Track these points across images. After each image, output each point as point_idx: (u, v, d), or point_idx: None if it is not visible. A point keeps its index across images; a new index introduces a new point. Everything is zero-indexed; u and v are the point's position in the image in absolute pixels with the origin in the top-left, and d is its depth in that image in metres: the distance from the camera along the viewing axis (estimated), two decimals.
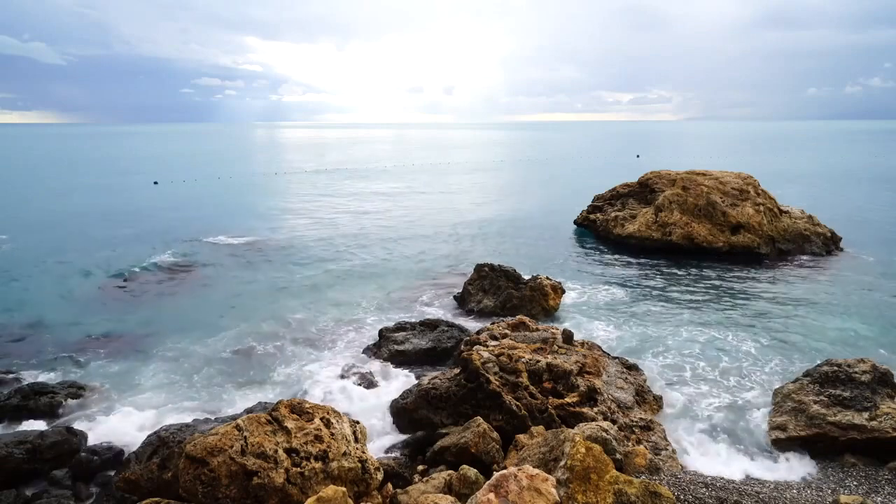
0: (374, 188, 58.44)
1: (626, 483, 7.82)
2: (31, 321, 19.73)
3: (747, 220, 28.84)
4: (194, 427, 10.82)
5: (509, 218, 39.99)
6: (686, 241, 28.74)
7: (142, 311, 20.73)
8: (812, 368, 13.24)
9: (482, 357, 12.72)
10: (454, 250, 30.45)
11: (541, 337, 14.60)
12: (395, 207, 45.30)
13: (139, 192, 54.68)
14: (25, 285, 24.25)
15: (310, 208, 44.96)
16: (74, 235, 34.23)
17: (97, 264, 27.33)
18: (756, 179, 31.76)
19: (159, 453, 9.99)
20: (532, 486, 7.28)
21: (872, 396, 11.88)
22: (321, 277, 25.36)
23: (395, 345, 16.49)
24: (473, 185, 62.05)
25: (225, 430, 8.63)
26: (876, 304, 20.66)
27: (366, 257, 29.05)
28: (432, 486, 9.00)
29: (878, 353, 16.36)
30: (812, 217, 30.60)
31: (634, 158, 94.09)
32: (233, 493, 8.10)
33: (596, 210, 34.60)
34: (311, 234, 34.91)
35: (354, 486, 8.78)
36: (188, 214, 41.89)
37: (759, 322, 19.12)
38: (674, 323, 19.18)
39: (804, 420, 11.98)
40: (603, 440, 9.70)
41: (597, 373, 13.35)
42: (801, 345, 17.28)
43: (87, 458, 11.12)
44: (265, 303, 21.79)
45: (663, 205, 30.21)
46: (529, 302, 19.90)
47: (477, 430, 10.68)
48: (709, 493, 9.03)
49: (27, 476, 10.81)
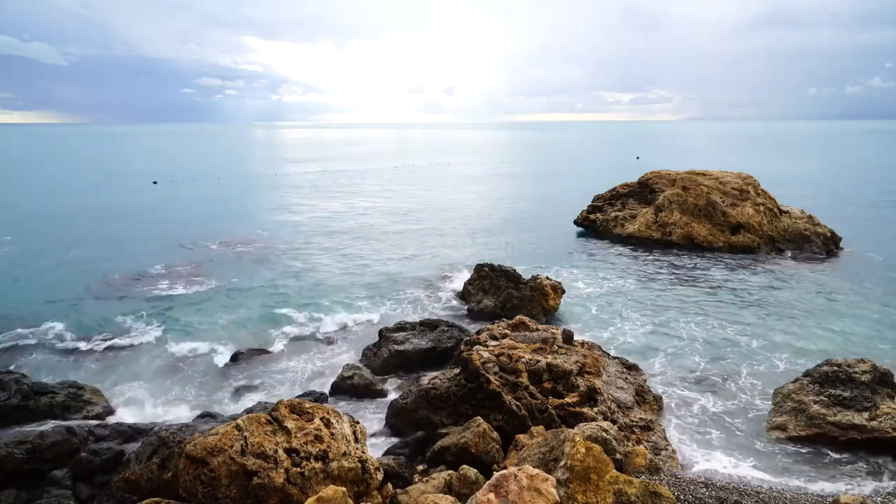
0: (373, 188, 58.45)
1: (626, 483, 7.82)
2: (31, 321, 19.73)
3: (747, 219, 28.85)
4: (194, 427, 10.81)
5: (509, 218, 39.99)
6: (686, 241, 28.75)
7: (141, 311, 20.72)
8: (812, 368, 13.24)
9: (482, 357, 12.72)
10: (454, 250, 30.44)
11: (541, 337, 14.59)
12: (395, 207, 45.30)
13: (139, 192, 54.70)
14: (26, 285, 24.26)
15: (309, 208, 44.97)
16: (74, 235, 34.23)
17: (97, 264, 27.33)
18: (756, 179, 31.78)
19: (159, 453, 9.98)
20: (532, 486, 7.28)
21: (872, 396, 11.88)
22: (321, 277, 25.37)
23: (395, 345, 16.48)
24: (473, 185, 62.06)
25: (225, 430, 8.63)
26: (876, 304, 20.66)
27: (365, 257, 29.05)
28: (432, 486, 9.00)
29: (878, 353, 16.35)
30: (812, 217, 30.61)
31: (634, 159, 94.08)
32: (233, 493, 8.10)
33: (596, 210, 34.59)
34: (310, 234, 34.91)
35: (354, 486, 8.78)
36: (188, 214, 41.90)
37: (759, 322, 19.12)
38: (674, 323, 19.18)
39: (804, 420, 11.98)
40: (603, 440, 9.70)
41: (597, 373, 13.35)
42: (800, 345, 17.28)
43: (87, 458, 11.11)
44: (265, 303, 21.79)
45: (663, 205, 30.21)
46: (529, 302, 19.90)
47: (477, 430, 10.67)
48: (709, 493, 9.03)
49: (27, 476, 10.80)
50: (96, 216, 40.96)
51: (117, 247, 31.02)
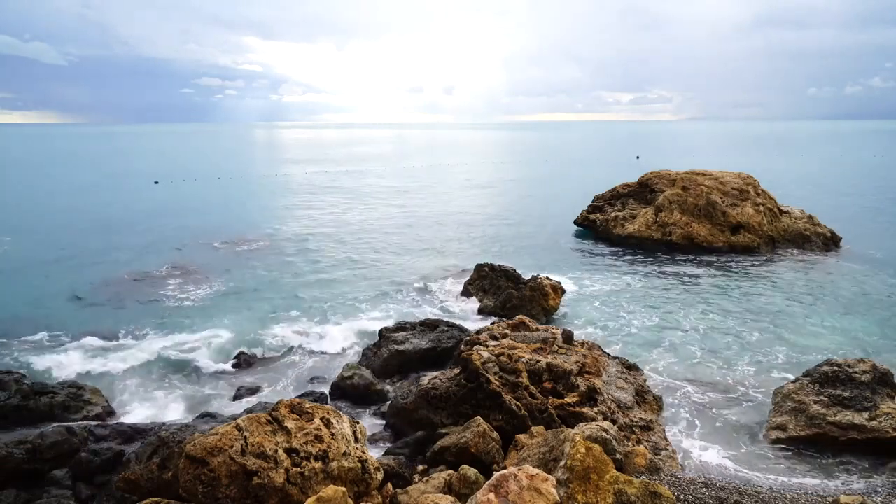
0: (373, 188, 58.45)
1: (626, 483, 7.82)
2: (31, 321, 19.74)
3: (747, 219, 28.84)
4: (194, 427, 10.81)
5: (509, 218, 40.00)
6: (686, 241, 28.74)
7: (142, 311, 20.73)
8: (812, 368, 13.23)
9: (482, 357, 12.71)
10: (454, 250, 30.45)
11: (541, 337, 14.59)
12: (395, 207, 45.31)
13: (140, 192, 54.71)
14: (26, 285, 24.27)
15: (309, 208, 44.97)
16: (75, 235, 34.23)
17: (98, 264, 27.34)
18: (756, 179, 31.78)
19: (159, 453, 9.98)
20: (532, 486, 7.28)
21: (872, 396, 11.88)
22: (320, 277, 25.38)
23: (395, 345, 16.48)
24: (473, 185, 62.06)
25: (225, 430, 8.63)
26: (876, 304, 20.66)
27: (366, 257, 29.05)
28: (432, 486, 9.00)
29: (878, 353, 16.35)
30: (812, 217, 30.60)
31: (634, 159, 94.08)
32: (233, 493, 8.10)
33: (596, 210, 34.59)
34: (310, 234, 34.91)
35: (354, 486, 8.78)
36: (188, 214, 41.91)
37: (759, 322, 19.12)
38: (674, 323, 19.18)
39: (804, 420, 11.97)
40: (603, 440, 9.69)
41: (597, 373, 13.34)
42: (801, 345, 17.27)
43: (87, 458, 11.10)
44: (265, 303, 21.80)
45: (663, 205, 30.21)
46: (529, 302, 19.90)
47: (477, 430, 10.67)
48: (709, 493, 9.03)
49: (27, 476, 10.80)
50: (97, 216, 40.96)
51: (118, 246, 31.02)
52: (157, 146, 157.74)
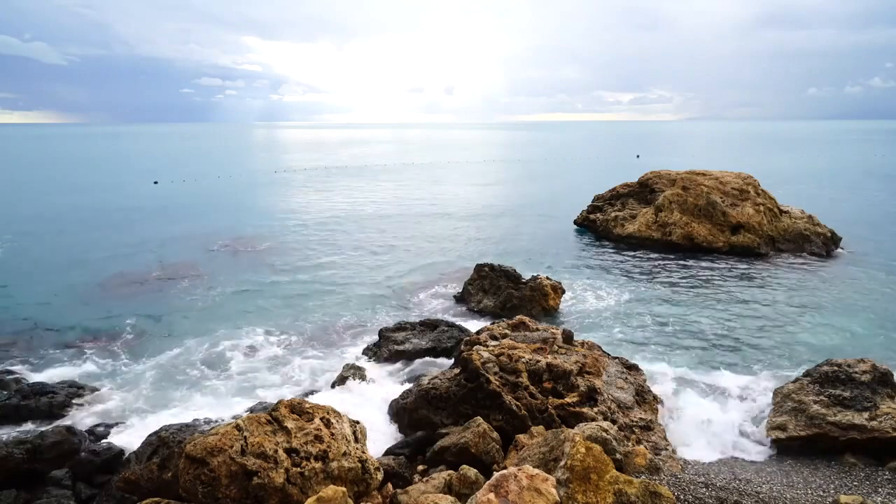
0: (373, 188, 58.43)
1: (626, 483, 7.82)
2: (31, 321, 19.73)
3: (747, 220, 28.84)
4: (194, 427, 10.82)
5: (509, 218, 39.99)
6: (686, 241, 28.73)
7: (142, 311, 20.72)
8: (812, 368, 13.22)
9: (482, 357, 12.71)
10: (454, 250, 30.45)
11: (541, 337, 14.59)
12: (395, 207, 45.30)
13: (139, 192, 54.68)
14: (26, 285, 24.25)
15: (309, 208, 44.96)
16: (75, 235, 34.23)
17: (98, 263, 27.34)
18: (756, 179, 31.77)
19: (159, 453, 9.99)
20: (532, 486, 7.28)
21: (872, 396, 11.87)
22: (320, 277, 25.37)
23: (395, 345, 16.48)
24: (473, 184, 62.05)
25: (225, 430, 8.63)
26: (876, 304, 20.65)
27: (366, 257, 29.05)
28: (432, 486, 9.00)
29: (878, 353, 16.33)
30: (812, 217, 30.59)
31: (634, 158, 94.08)
32: (233, 494, 8.10)
33: (596, 210, 34.59)
34: (310, 233, 34.91)
35: (354, 486, 8.78)
36: (188, 214, 41.90)
37: (759, 322, 19.11)
38: (674, 323, 19.17)
39: (804, 420, 11.96)
40: (603, 440, 9.69)
41: (597, 373, 13.34)
42: (801, 344, 17.27)
43: (87, 458, 11.11)
44: (264, 303, 21.79)
45: (663, 205, 30.21)
46: (529, 302, 19.90)
47: (477, 430, 10.67)
48: (709, 493, 9.02)
49: (27, 476, 10.80)
50: (97, 216, 40.95)
51: (118, 246, 31.02)
52: (156, 146, 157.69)
